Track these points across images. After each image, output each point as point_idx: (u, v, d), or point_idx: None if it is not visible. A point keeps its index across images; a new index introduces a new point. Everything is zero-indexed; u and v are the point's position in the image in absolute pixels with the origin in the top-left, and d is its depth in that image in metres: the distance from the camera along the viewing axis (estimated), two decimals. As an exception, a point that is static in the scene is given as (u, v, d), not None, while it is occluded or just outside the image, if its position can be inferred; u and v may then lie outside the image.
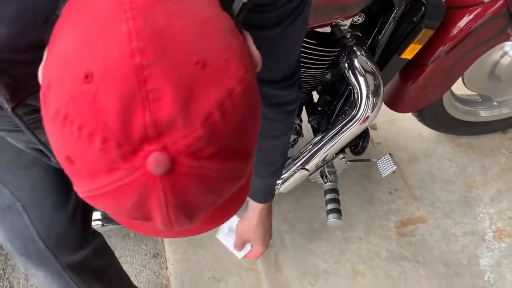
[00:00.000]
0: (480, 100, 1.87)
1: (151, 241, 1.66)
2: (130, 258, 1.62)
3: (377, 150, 1.90)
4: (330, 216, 1.38)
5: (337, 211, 1.38)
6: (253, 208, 1.21)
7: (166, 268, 1.60)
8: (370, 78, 1.26)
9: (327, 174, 1.44)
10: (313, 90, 1.40)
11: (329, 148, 1.33)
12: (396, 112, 2.00)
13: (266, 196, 1.17)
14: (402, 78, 1.46)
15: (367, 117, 1.29)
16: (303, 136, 1.47)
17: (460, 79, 1.64)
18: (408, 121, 1.94)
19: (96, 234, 1.03)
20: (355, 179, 1.80)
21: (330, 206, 1.39)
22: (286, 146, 1.07)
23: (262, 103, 0.49)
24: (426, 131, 1.95)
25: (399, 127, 1.98)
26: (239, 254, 1.34)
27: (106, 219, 1.43)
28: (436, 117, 1.80)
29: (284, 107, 0.96)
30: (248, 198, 1.19)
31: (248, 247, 1.32)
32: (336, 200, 1.40)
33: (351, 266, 1.59)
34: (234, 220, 1.34)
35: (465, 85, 1.68)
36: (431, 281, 1.56)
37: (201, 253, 1.60)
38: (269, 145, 1.03)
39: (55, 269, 0.90)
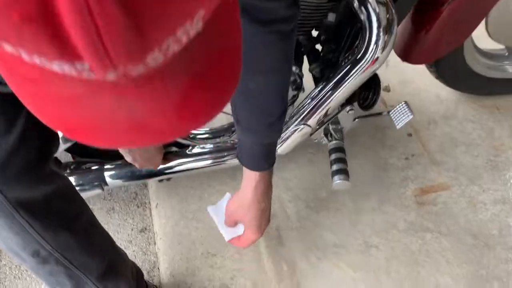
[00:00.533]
0: (507, 54, 1.66)
1: (138, 215, 1.49)
2: (114, 233, 1.45)
3: (391, 113, 1.70)
4: (336, 177, 1.19)
5: (343, 171, 1.19)
6: (247, 181, 1.00)
7: (155, 243, 1.43)
8: (382, 10, 1.06)
9: (331, 131, 1.25)
10: (315, 30, 1.20)
11: (334, 98, 1.14)
12: (410, 73, 1.81)
13: (261, 161, 0.96)
14: (415, 23, 1.26)
15: (377, 59, 1.09)
16: (303, 91, 1.28)
17: (484, 30, 1.44)
18: (424, 81, 1.74)
19: (62, 177, 0.85)
20: (366, 143, 1.60)
21: (335, 167, 1.20)
22: (284, 87, 0.88)
23: (247, 20, 0.31)
24: (444, 92, 1.74)
25: (414, 89, 1.78)
26: (226, 236, 1.14)
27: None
28: (457, 74, 1.59)
29: (277, 25, 0.77)
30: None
31: (240, 229, 1.12)
32: (342, 160, 1.21)
33: (364, 239, 1.40)
34: (227, 196, 1.16)
35: (490, 36, 1.47)
36: (457, 254, 1.35)
37: (193, 226, 1.42)
38: (262, 83, 0.84)
39: (4, 209, 0.71)
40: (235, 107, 0.88)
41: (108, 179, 1.23)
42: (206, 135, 1.25)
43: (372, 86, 1.24)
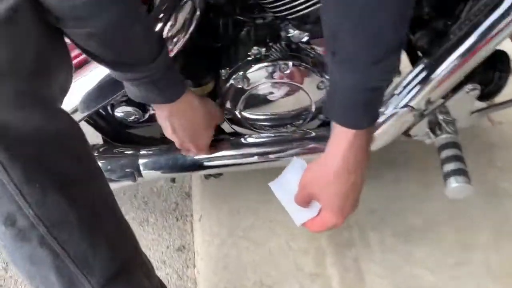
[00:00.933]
0: None
1: (177, 230, 1.20)
2: (146, 250, 1.16)
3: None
4: (452, 180, 0.84)
5: (462, 172, 0.84)
6: (336, 143, 0.71)
7: (194, 266, 1.12)
8: None
9: (441, 122, 0.92)
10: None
11: (450, 72, 0.83)
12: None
13: (359, 114, 0.67)
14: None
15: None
16: (400, 74, 0.97)
17: None
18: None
19: (74, 125, 0.62)
20: (478, 153, 1.24)
21: (450, 167, 0.86)
22: (402, 9, 0.58)
23: None
24: None
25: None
26: (298, 218, 0.82)
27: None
28: None
29: None
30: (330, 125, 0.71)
31: (314, 210, 0.80)
32: (458, 158, 0.87)
33: (477, 282, 1.01)
34: (298, 164, 0.85)
35: None
36: None
37: (245, 246, 1.10)
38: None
39: None
40: (332, 31, 0.60)
41: (142, 169, 0.95)
42: (269, 122, 0.97)
43: (496, 65, 0.91)
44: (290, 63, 0.86)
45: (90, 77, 0.85)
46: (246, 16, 0.91)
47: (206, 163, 0.96)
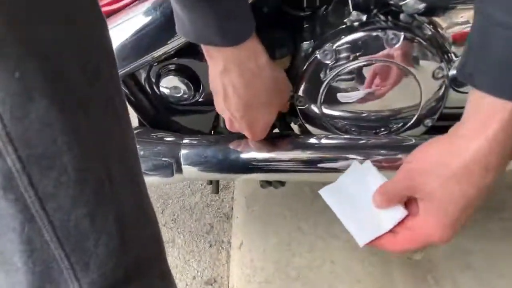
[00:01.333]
0: None
1: (208, 258, 0.94)
2: (167, 278, 0.90)
3: None
4: None
5: None
6: (478, 120, 0.47)
7: (226, 306, 0.86)
8: None
9: None
10: None
11: None
12: None
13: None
14: None
15: None
16: None
17: None
18: None
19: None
20: None
21: None
22: None
23: None
24: None
25: None
26: (364, 235, 0.56)
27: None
28: None
29: None
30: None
31: (387, 223, 0.55)
32: None
33: None
34: (363, 168, 0.61)
35: None
36: None
37: (294, 286, 0.83)
38: None
39: None
40: None
41: (184, 161, 0.73)
42: (357, 122, 0.73)
43: None
44: (401, 34, 0.64)
45: (123, 26, 0.66)
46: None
47: (265, 164, 0.72)
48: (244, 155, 0.72)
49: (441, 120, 0.74)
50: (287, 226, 0.93)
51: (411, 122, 0.72)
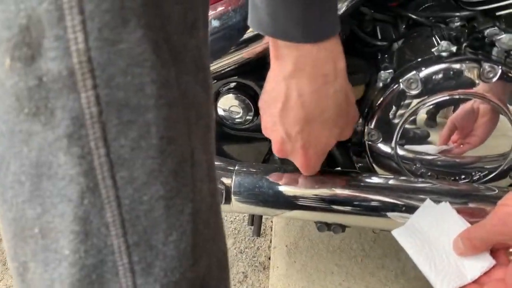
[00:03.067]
0: None
1: None
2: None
3: None
4: None
5: None
6: None
7: None
8: None
9: None
10: None
11: None
12: None
13: None
14: None
15: None
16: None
17: None
18: None
19: None
20: None
21: None
22: None
23: None
24: None
25: None
26: (446, 284, 0.48)
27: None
28: None
29: None
30: None
31: (479, 266, 0.48)
32: None
33: None
34: (444, 209, 0.54)
35: None
36: None
37: None
38: None
39: None
40: None
41: (234, 190, 0.64)
42: (436, 167, 0.64)
43: None
44: (499, 68, 0.57)
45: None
46: (430, 16, 0.65)
47: (329, 202, 0.63)
48: (305, 190, 0.64)
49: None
50: (334, 283, 0.82)
51: (497, 171, 0.64)
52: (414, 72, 0.59)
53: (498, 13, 0.60)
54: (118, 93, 0.25)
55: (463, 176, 0.64)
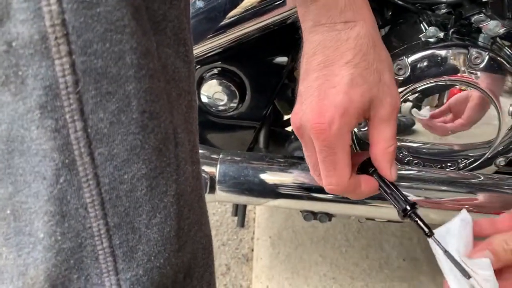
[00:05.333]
0: None
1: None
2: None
3: None
4: None
5: None
6: None
7: None
8: None
9: None
10: None
11: None
12: None
13: None
14: None
15: None
16: None
17: None
18: None
19: None
20: None
21: None
22: None
23: None
24: None
25: None
26: None
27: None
28: None
29: None
30: None
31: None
32: None
33: None
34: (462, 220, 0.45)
35: None
36: None
37: None
38: None
39: None
40: None
41: (219, 179, 0.62)
42: (421, 154, 0.64)
43: None
44: (486, 54, 0.57)
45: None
46: (417, 2, 0.65)
47: (315, 191, 0.62)
48: (291, 178, 0.62)
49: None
50: (319, 273, 0.81)
51: (483, 159, 0.64)
52: (402, 57, 0.58)
53: (484, 0, 0.60)
54: (96, 61, 0.23)
55: (449, 164, 0.64)
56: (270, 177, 0.63)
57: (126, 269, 0.26)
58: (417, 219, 0.43)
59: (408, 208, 0.44)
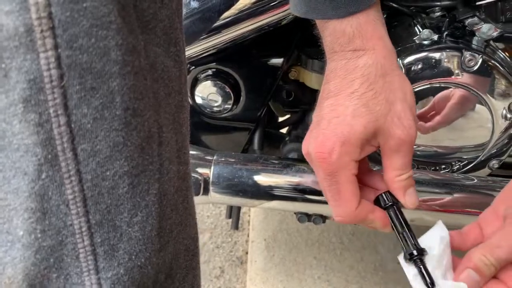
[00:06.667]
0: None
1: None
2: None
3: None
4: None
5: None
6: None
7: None
8: None
9: None
10: None
11: None
12: None
13: None
14: None
15: None
16: None
17: None
18: None
19: None
20: None
21: None
22: None
23: None
24: None
25: None
26: None
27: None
28: None
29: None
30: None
31: None
32: None
33: None
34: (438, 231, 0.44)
35: None
36: None
37: None
38: None
39: None
40: None
41: (213, 180, 0.62)
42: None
43: None
44: (480, 57, 0.57)
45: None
46: (411, 5, 0.65)
47: (310, 192, 0.62)
48: (285, 179, 0.62)
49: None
50: (313, 276, 0.81)
51: (476, 162, 0.64)
52: (396, 59, 0.59)
53: (477, 3, 0.60)
54: (81, 56, 0.23)
55: (443, 166, 0.64)
56: (264, 179, 0.63)
57: (107, 268, 0.26)
58: (421, 266, 0.41)
59: (415, 253, 0.41)
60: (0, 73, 0.22)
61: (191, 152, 0.66)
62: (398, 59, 0.58)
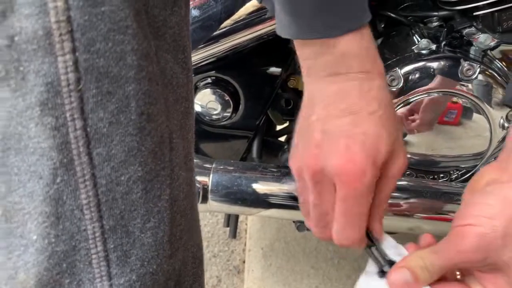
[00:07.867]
0: None
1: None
2: None
3: None
4: None
5: None
6: None
7: None
8: None
9: None
10: None
11: None
12: None
13: None
14: None
15: None
16: None
17: None
18: None
19: None
20: None
21: None
22: None
23: None
24: None
25: None
26: None
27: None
28: None
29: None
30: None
31: None
32: None
33: None
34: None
35: None
36: None
37: None
38: None
39: None
40: None
41: (212, 188, 0.62)
42: (412, 165, 0.65)
43: None
44: (478, 66, 0.57)
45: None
46: (409, 15, 0.66)
47: (307, 201, 0.62)
48: (284, 188, 0.62)
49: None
50: (311, 285, 0.80)
51: (475, 170, 0.64)
52: (395, 69, 0.59)
53: (475, 13, 0.61)
54: (98, 60, 0.23)
55: (441, 175, 0.65)
56: (263, 187, 0.63)
57: (119, 274, 0.25)
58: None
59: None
60: (18, 76, 0.22)
61: (197, 162, 0.66)
62: (397, 68, 0.59)
